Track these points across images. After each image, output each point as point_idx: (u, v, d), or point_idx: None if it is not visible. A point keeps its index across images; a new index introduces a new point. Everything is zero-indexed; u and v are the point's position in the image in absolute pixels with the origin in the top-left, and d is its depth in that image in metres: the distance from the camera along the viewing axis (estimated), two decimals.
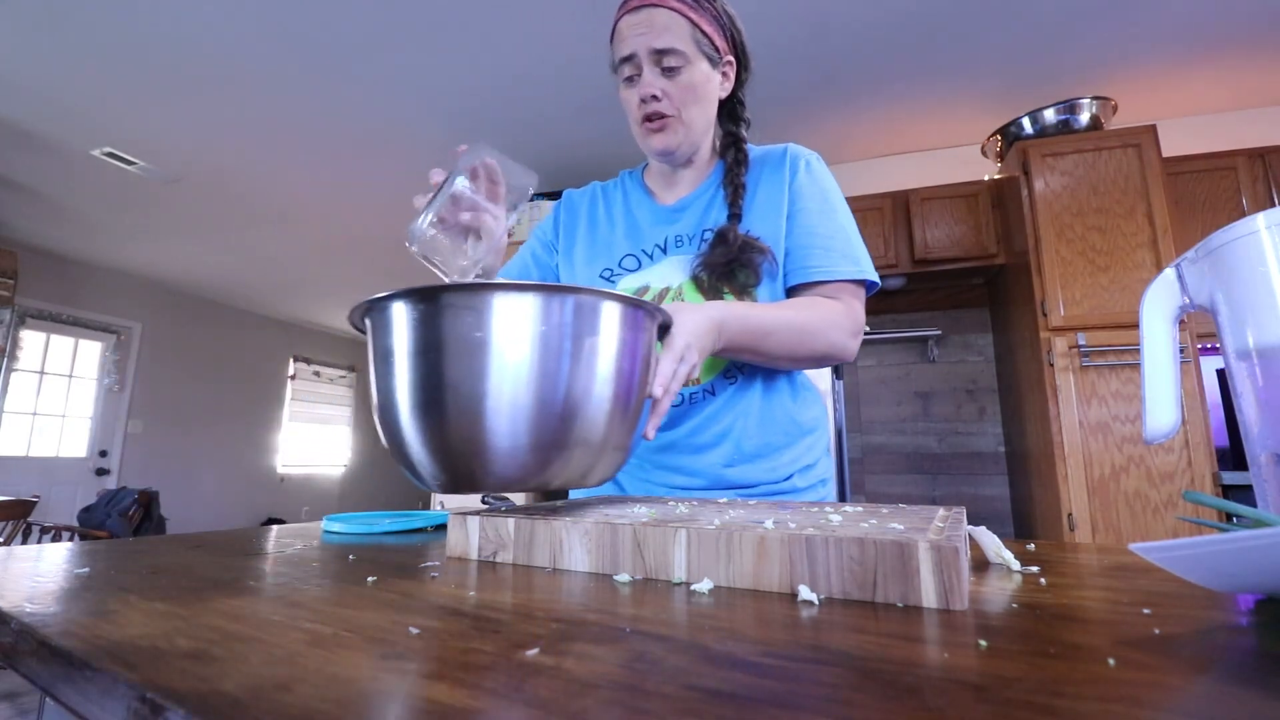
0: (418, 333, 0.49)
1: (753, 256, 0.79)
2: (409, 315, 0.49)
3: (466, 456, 0.48)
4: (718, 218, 0.85)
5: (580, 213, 0.97)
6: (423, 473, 0.51)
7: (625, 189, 0.96)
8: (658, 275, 0.86)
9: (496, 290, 0.48)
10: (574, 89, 2.70)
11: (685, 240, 0.87)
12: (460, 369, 0.47)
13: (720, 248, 0.80)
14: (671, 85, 0.80)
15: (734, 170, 0.86)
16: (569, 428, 0.49)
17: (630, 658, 0.26)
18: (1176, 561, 0.29)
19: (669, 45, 0.78)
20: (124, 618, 0.32)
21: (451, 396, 0.47)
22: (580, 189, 1.00)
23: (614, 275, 0.89)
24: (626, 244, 0.90)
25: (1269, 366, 0.40)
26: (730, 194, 0.84)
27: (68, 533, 2.80)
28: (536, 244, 0.99)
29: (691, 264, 0.83)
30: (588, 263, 0.92)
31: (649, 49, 0.79)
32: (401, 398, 0.49)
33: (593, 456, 0.51)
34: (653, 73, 0.80)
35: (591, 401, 0.49)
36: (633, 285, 0.87)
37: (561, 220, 0.98)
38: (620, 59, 0.81)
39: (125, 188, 3.60)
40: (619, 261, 0.89)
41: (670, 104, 0.81)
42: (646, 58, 0.79)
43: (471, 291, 0.48)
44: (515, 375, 0.47)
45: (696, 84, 0.81)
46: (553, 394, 0.48)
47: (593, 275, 0.90)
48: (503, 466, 0.48)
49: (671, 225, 0.88)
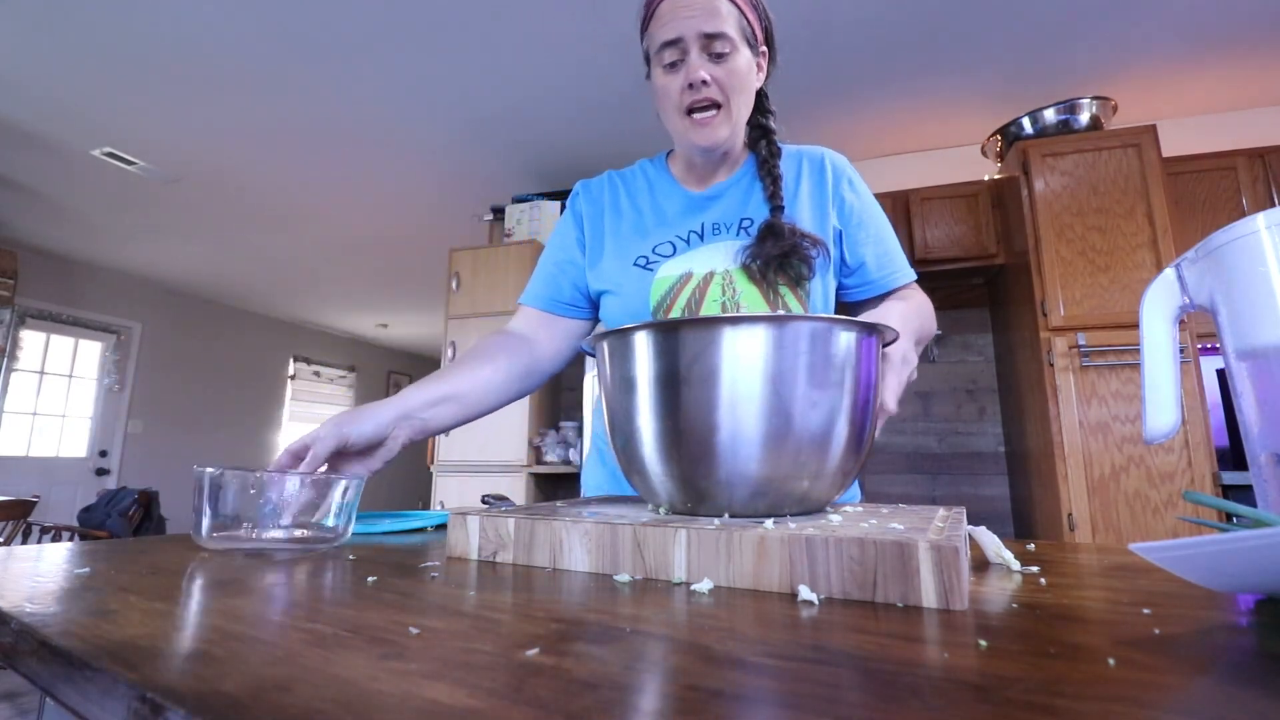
0: (665, 362, 0.50)
1: (807, 249, 0.78)
2: (663, 345, 0.51)
3: (710, 483, 0.49)
4: (757, 207, 0.84)
5: (603, 202, 0.92)
6: (660, 494, 0.52)
7: (648, 176, 0.92)
8: (700, 261, 0.83)
9: (761, 321, 0.49)
10: (574, 89, 2.70)
11: (723, 228, 0.84)
12: (700, 400, 0.48)
13: (772, 239, 0.78)
14: (720, 71, 0.76)
15: (769, 161, 0.84)
16: (811, 458, 0.48)
17: (630, 658, 0.26)
18: (1176, 561, 0.29)
19: (719, 30, 0.75)
20: (124, 618, 0.32)
21: (697, 425, 0.48)
22: (594, 179, 0.95)
23: (650, 263, 0.85)
24: (658, 232, 0.87)
25: (1269, 366, 0.40)
26: (769, 185, 0.83)
27: (68, 533, 2.80)
28: (559, 252, 0.93)
29: (739, 253, 0.81)
30: (617, 254, 0.87)
31: (698, 32, 0.75)
32: (645, 425, 0.51)
33: (831, 481, 0.51)
34: (701, 58, 0.76)
35: (834, 432, 0.49)
36: (675, 271, 0.83)
37: (584, 213, 0.92)
38: (663, 43, 0.76)
39: (125, 188, 3.60)
40: (653, 249, 0.85)
41: (719, 91, 0.77)
42: (695, 41, 0.75)
43: (725, 324, 0.49)
44: (757, 407, 0.47)
45: (743, 72, 0.78)
46: (794, 425, 0.48)
47: (625, 265, 0.85)
48: (741, 494, 0.48)
49: (706, 212, 0.86)
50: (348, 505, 0.59)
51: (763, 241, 0.79)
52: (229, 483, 0.54)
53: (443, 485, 3.06)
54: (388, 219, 4.06)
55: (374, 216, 4.02)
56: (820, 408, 0.48)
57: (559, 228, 0.95)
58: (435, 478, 3.08)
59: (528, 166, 3.36)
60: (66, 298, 4.86)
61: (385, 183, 3.55)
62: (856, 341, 0.50)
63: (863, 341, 0.51)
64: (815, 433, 0.48)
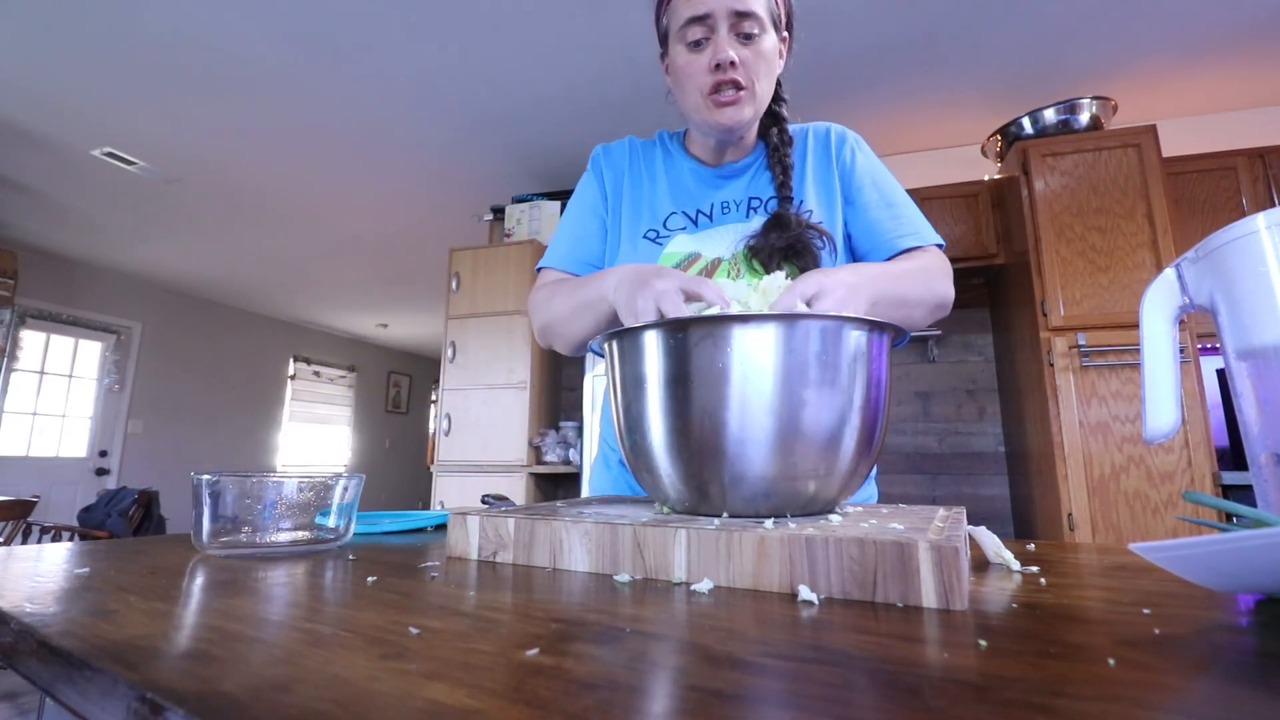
0: (673, 361, 0.50)
1: (811, 241, 0.77)
2: (670, 345, 0.50)
3: (717, 482, 0.48)
4: (765, 188, 0.83)
5: (623, 166, 0.90)
6: (669, 492, 0.52)
7: (666, 148, 0.90)
8: (709, 244, 0.82)
9: (781, 320, 0.48)
10: (574, 89, 2.70)
11: (732, 206, 0.84)
12: (711, 397, 0.48)
13: (777, 231, 0.77)
14: (748, 53, 0.74)
15: (780, 150, 0.82)
16: (820, 458, 0.48)
17: (630, 658, 0.26)
18: (1176, 561, 0.29)
19: (750, 9, 0.72)
20: (124, 618, 0.32)
21: (707, 424, 0.48)
22: (614, 143, 0.93)
23: (660, 237, 0.84)
24: (671, 203, 0.85)
25: (1269, 366, 0.40)
26: (779, 174, 0.81)
27: (68, 533, 2.80)
28: (585, 215, 0.90)
29: (743, 241, 0.80)
30: (631, 221, 0.86)
31: (729, 10, 0.72)
32: (655, 423, 0.50)
33: (840, 481, 0.50)
34: (730, 37, 0.73)
35: (844, 431, 0.49)
36: (683, 249, 0.82)
37: (605, 176, 0.90)
38: (690, 19, 0.74)
39: (125, 188, 3.60)
40: (664, 222, 0.85)
41: (746, 73, 0.74)
42: (724, 18, 0.72)
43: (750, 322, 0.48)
44: (768, 405, 0.47)
45: (769, 54, 0.76)
46: (804, 424, 0.47)
47: (635, 237, 0.84)
48: (748, 492, 0.48)
49: (719, 189, 0.85)
50: (348, 505, 0.59)
51: (768, 232, 0.78)
52: (227, 488, 0.54)
53: (443, 485, 3.06)
54: (388, 219, 4.06)
55: (374, 216, 4.02)
56: (828, 406, 0.48)
57: (582, 191, 0.92)
58: (435, 478, 3.08)
59: (528, 166, 3.36)
60: (66, 298, 4.86)
61: (385, 183, 3.55)
62: (866, 340, 0.50)
63: (873, 340, 0.51)
64: (823, 432, 0.48)
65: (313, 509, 0.57)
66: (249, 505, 0.55)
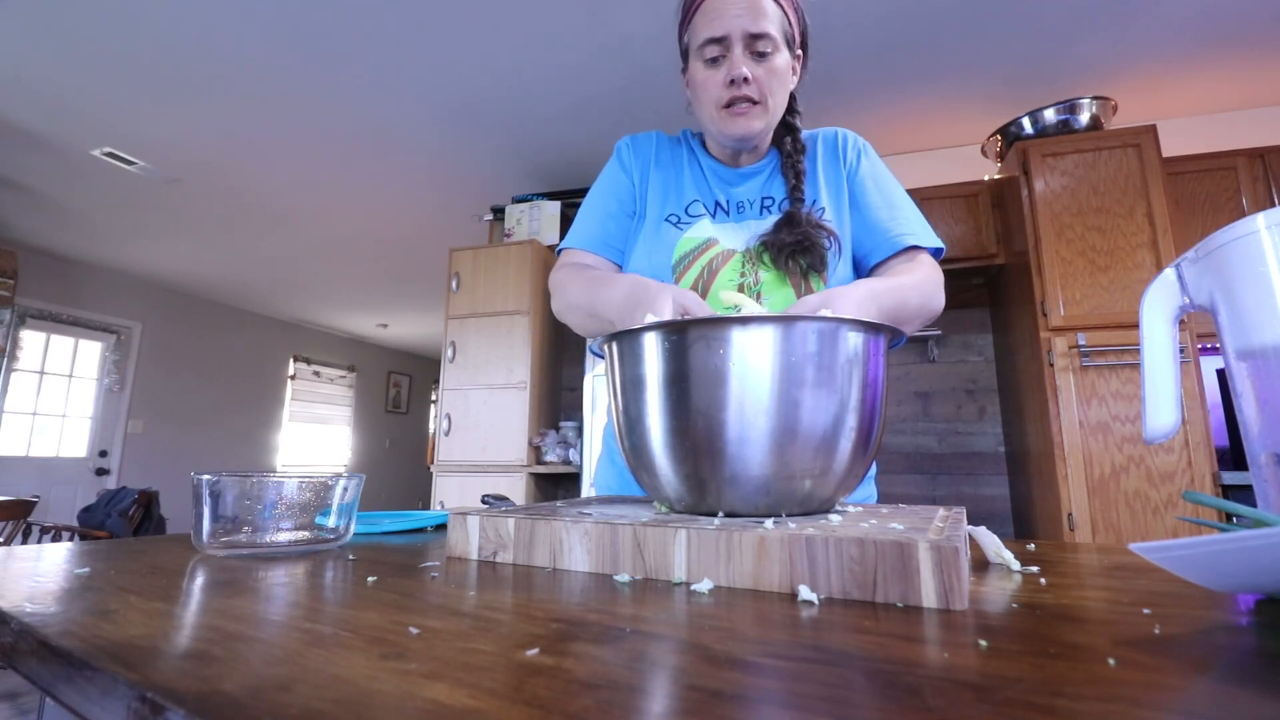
0: (673, 363, 0.50)
1: (819, 240, 0.80)
2: (669, 346, 0.51)
3: (715, 481, 0.49)
4: (780, 191, 0.88)
5: (650, 155, 0.94)
6: (668, 492, 0.53)
7: (689, 145, 0.95)
8: (728, 235, 0.86)
9: (777, 322, 0.48)
10: (574, 89, 2.69)
11: (747, 205, 0.88)
12: (709, 397, 0.48)
13: (787, 229, 0.81)
14: (761, 70, 0.79)
15: (793, 157, 0.87)
16: (817, 457, 0.48)
17: (630, 658, 0.26)
18: (1176, 561, 0.29)
19: (763, 29, 0.78)
20: (124, 618, 0.32)
21: (705, 424, 0.48)
22: (640, 135, 0.97)
23: (681, 222, 0.88)
24: (694, 190, 0.90)
25: (1269, 366, 0.40)
26: (792, 179, 0.86)
27: (68, 533, 2.80)
28: (610, 199, 0.93)
29: (756, 238, 0.84)
30: (656, 205, 0.91)
31: (745, 32, 0.78)
32: (654, 423, 0.51)
33: (837, 480, 0.51)
34: (744, 55, 0.79)
35: (842, 432, 0.49)
36: (702, 235, 0.86)
37: (633, 164, 0.94)
38: (709, 39, 0.79)
39: (125, 188, 3.59)
40: (685, 208, 0.89)
41: (758, 89, 0.80)
42: (739, 39, 0.78)
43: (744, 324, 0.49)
44: (764, 405, 0.47)
45: (782, 71, 0.81)
46: (803, 424, 0.48)
47: (659, 219, 0.89)
48: (747, 492, 0.48)
49: (736, 186, 0.90)
50: (348, 505, 0.59)
51: (779, 230, 0.82)
52: (227, 488, 0.54)
53: (443, 485, 3.06)
54: (388, 219, 4.05)
55: (374, 216, 4.02)
56: (824, 406, 0.48)
57: (607, 177, 0.96)
58: (435, 478, 3.08)
59: (528, 166, 3.35)
60: (66, 298, 4.86)
61: (385, 182, 3.55)
62: (863, 342, 0.50)
63: (868, 342, 0.51)
64: (819, 431, 0.48)
65: (313, 509, 0.57)
66: (249, 505, 0.55)
